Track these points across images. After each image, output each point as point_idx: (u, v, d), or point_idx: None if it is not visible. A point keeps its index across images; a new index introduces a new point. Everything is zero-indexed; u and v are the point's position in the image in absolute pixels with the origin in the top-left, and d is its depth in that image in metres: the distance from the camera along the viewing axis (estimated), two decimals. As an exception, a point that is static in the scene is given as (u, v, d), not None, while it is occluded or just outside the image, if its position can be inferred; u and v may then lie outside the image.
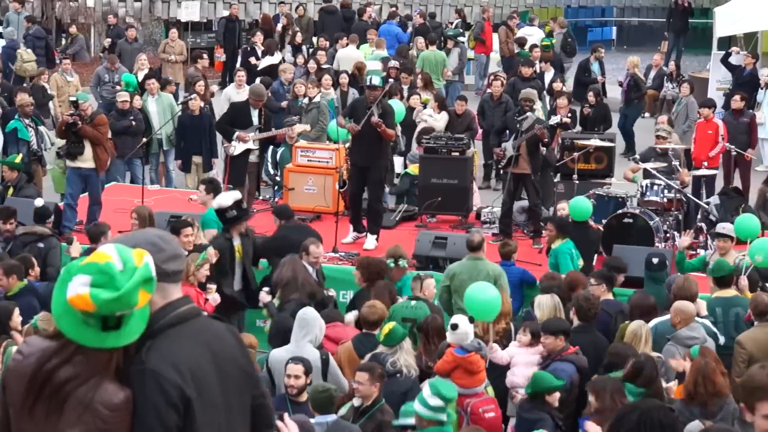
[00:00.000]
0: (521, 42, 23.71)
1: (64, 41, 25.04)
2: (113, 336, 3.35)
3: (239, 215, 10.95)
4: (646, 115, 21.99)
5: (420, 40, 22.68)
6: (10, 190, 14.18)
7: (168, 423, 3.38)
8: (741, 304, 9.90)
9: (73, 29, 25.64)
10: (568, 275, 10.70)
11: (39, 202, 12.90)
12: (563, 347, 8.80)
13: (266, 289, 10.51)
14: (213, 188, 12.29)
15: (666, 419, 5.65)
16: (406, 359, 8.52)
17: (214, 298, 10.11)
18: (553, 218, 12.36)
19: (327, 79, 18.46)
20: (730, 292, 10.15)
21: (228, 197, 11.01)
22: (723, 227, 11.58)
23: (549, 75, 20.28)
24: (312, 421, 7.33)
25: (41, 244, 11.99)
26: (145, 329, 3.46)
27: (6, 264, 10.42)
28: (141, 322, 3.42)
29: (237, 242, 11.08)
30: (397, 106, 15.05)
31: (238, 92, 17.61)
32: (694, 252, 13.27)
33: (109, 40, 23.87)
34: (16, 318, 9.11)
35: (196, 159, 16.57)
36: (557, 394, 8.06)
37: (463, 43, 24.46)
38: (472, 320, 8.70)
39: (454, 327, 8.45)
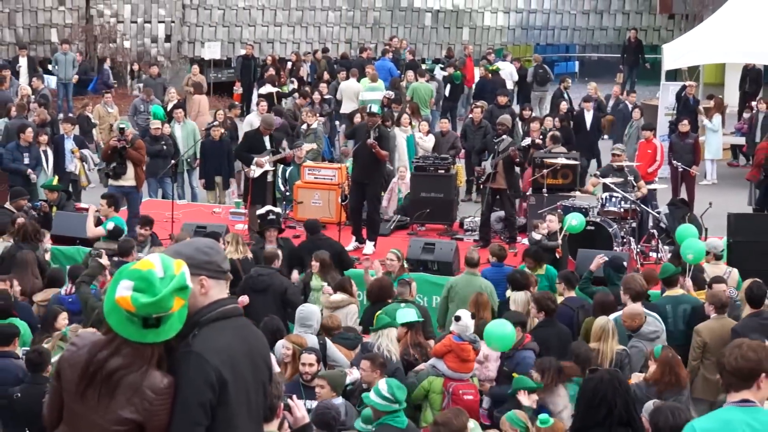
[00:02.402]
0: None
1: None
2: (153, 333, 3.38)
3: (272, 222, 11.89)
4: (605, 137, 21.88)
5: (410, 74, 22.71)
6: (54, 209, 14.16)
7: (203, 399, 3.39)
8: (687, 301, 9.84)
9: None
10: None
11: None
12: (522, 337, 8.71)
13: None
14: (113, 202, 12.43)
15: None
16: (387, 345, 8.48)
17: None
18: (528, 252, 11.55)
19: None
20: (678, 291, 10.06)
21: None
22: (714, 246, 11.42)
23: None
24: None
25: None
26: (195, 319, 3.49)
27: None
28: (178, 322, 3.43)
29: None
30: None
31: (258, 119, 17.58)
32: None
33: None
34: (62, 321, 9.05)
35: (217, 178, 16.70)
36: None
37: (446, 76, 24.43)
38: (473, 316, 8.70)
39: (458, 318, 8.48)
